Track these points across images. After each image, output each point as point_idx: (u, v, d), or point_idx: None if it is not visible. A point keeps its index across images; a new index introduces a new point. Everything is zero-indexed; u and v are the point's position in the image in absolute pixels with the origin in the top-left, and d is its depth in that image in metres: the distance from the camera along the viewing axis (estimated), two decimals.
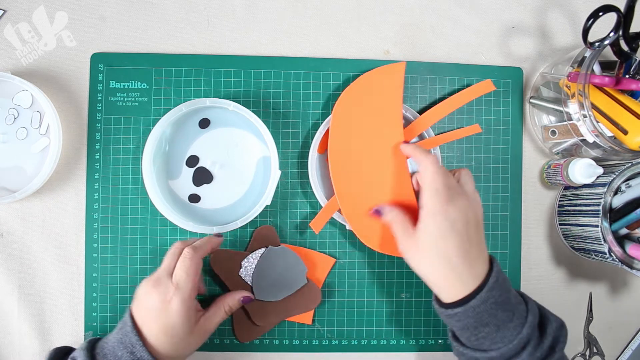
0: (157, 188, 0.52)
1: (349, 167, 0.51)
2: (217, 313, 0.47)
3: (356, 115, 0.51)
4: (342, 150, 0.51)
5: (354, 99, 0.52)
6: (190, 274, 0.43)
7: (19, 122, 0.53)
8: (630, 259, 0.50)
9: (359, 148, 0.51)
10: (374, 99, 0.52)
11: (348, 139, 0.51)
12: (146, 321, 0.43)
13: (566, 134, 0.53)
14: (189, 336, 0.43)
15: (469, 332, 0.41)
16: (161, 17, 0.55)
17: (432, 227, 0.41)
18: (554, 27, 0.58)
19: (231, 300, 0.48)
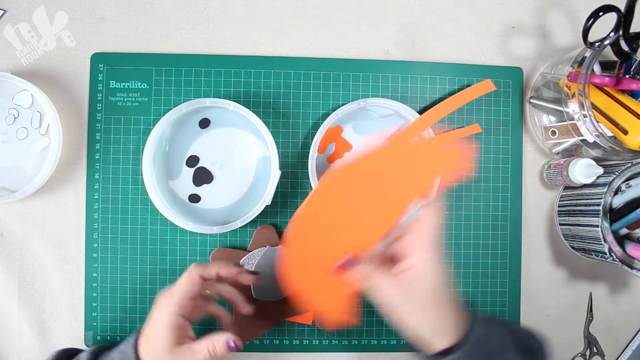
0: (157, 188, 0.52)
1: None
2: (203, 349, 0.42)
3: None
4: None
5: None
6: (179, 287, 0.42)
7: (19, 122, 0.53)
8: (630, 259, 0.50)
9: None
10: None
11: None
12: (141, 339, 0.42)
13: (566, 134, 0.53)
14: (168, 353, 0.40)
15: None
16: (161, 17, 0.55)
17: (433, 277, 0.38)
18: (554, 27, 0.58)
19: (217, 341, 0.42)
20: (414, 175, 0.42)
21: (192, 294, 0.42)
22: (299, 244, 0.42)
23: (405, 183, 0.42)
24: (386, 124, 0.56)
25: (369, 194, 0.42)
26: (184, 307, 0.41)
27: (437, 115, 0.54)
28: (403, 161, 0.42)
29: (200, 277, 0.43)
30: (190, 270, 0.43)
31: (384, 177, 0.42)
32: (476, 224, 0.56)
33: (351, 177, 0.42)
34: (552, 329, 0.58)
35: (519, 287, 0.57)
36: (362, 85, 0.56)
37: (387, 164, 0.42)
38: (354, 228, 0.42)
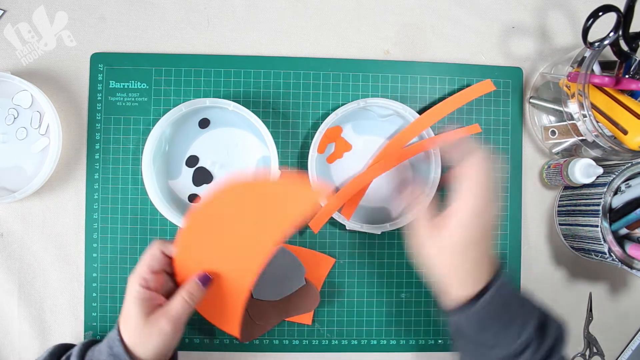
0: (157, 188, 0.52)
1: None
2: (174, 301, 0.42)
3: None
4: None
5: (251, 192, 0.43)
6: (141, 262, 0.42)
7: (19, 122, 0.53)
8: (630, 259, 0.50)
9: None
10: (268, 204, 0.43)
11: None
12: (121, 325, 0.43)
13: (566, 134, 0.53)
14: (143, 327, 0.40)
15: (474, 329, 0.40)
16: (161, 17, 0.55)
17: (473, 227, 0.39)
18: (554, 27, 0.58)
19: (188, 284, 0.43)
20: (272, 214, 0.43)
21: (154, 268, 0.42)
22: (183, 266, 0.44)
23: (264, 222, 0.43)
24: (386, 124, 0.56)
25: (233, 230, 0.43)
26: (148, 281, 0.42)
27: (437, 115, 0.54)
28: (261, 199, 0.43)
29: (162, 252, 0.43)
30: (152, 246, 0.43)
31: (244, 215, 0.43)
32: None
33: (213, 214, 0.43)
34: None
35: (519, 287, 0.57)
36: (362, 85, 0.56)
37: (245, 201, 0.43)
38: (226, 259, 0.44)
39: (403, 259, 0.56)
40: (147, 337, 0.41)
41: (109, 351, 0.41)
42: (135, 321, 0.41)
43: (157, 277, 0.43)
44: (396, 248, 0.56)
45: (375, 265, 0.55)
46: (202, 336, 0.54)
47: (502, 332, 0.40)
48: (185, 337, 0.54)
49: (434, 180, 0.54)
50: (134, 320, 0.41)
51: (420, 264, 0.43)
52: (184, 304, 0.42)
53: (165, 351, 0.42)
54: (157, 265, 0.43)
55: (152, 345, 0.41)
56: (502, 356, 0.40)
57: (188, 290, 0.42)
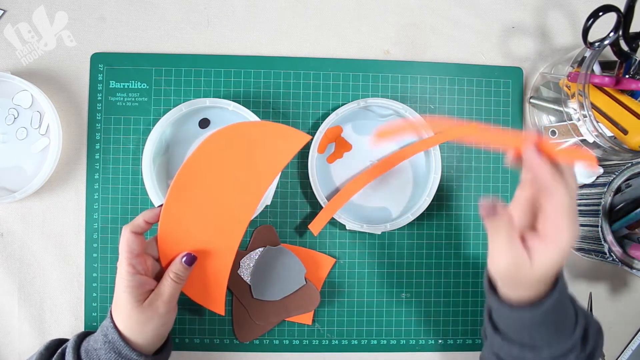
0: (157, 188, 0.52)
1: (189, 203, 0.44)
2: (164, 284, 0.43)
3: (222, 158, 0.44)
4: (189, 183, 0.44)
5: (233, 140, 0.44)
6: (120, 251, 0.42)
7: (19, 122, 0.53)
8: (630, 259, 0.50)
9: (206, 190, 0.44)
10: (255, 152, 0.44)
11: (201, 174, 0.44)
12: (114, 313, 0.43)
13: (566, 134, 0.53)
14: (137, 314, 0.41)
15: (526, 331, 0.39)
16: (161, 17, 0.55)
17: (560, 261, 0.36)
18: (554, 27, 0.58)
19: (174, 265, 0.44)
20: (256, 158, 0.44)
21: (135, 252, 0.42)
22: (170, 233, 0.44)
23: (249, 170, 0.44)
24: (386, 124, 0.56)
25: (215, 193, 0.44)
26: (135, 265, 0.42)
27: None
28: (241, 147, 0.44)
29: (132, 232, 0.43)
30: (123, 232, 0.43)
31: (225, 170, 0.44)
32: (476, 224, 0.56)
33: (193, 181, 0.44)
34: None
35: None
36: (362, 85, 0.56)
37: (224, 154, 0.44)
38: (219, 214, 0.45)
39: (403, 259, 0.56)
40: (143, 324, 0.42)
41: (104, 339, 0.42)
42: (128, 309, 0.41)
43: (141, 259, 0.43)
44: (396, 248, 0.56)
45: (375, 265, 0.55)
46: (202, 336, 0.54)
47: (557, 333, 0.39)
48: (185, 337, 0.54)
49: (434, 181, 0.54)
50: (127, 308, 0.41)
51: (489, 269, 0.39)
52: (172, 285, 0.43)
53: (162, 332, 0.43)
54: (136, 247, 0.43)
55: (150, 329, 0.42)
56: (546, 357, 0.39)
57: (174, 271, 0.43)
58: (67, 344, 0.44)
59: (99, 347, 0.42)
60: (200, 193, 0.44)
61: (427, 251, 0.56)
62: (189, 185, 0.44)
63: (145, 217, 0.44)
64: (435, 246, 0.56)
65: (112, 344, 0.41)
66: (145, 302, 0.42)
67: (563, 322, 0.39)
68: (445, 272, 0.56)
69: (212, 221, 0.45)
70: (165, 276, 0.43)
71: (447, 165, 0.56)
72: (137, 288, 0.42)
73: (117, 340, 0.41)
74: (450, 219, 0.56)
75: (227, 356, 0.55)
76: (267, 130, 0.45)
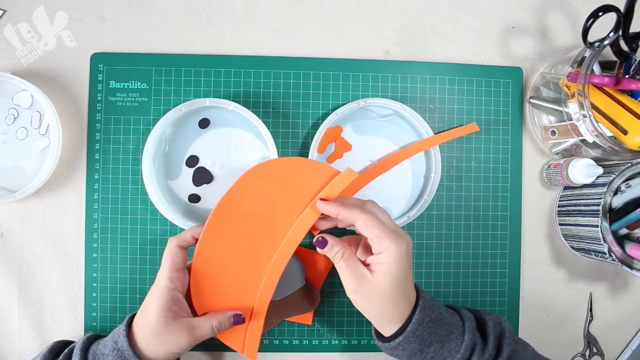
0: (157, 188, 0.52)
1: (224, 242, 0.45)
2: (204, 325, 0.43)
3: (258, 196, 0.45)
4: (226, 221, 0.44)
5: (268, 177, 0.45)
6: (164, 263, 0.43)
7: (19, 122, 0.53)
8: (630, 259, 0.50)
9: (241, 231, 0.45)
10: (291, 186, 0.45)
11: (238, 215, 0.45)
12: (135, 318, 0.43)
13: (566, 134, 0.53)
14: (161, 329, 0.41)
15: (417, 357, 0.42)
16: (161, 17, 0.55)
17: (397, 269, 0.41)
18: (554, 27, 0.58)
19: (221, 316, 0.44)
20: (297, 190, 0.45)
21: (177, 265, 0.43)
22: (203, 278, 0.45)
23: (291, 199, 0.44)
24: (386, 124, 0.56)
25: (260, 221, 0.45)
26: (174, 281, 0.42)
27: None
28: (282, 179, 0.44)
29: (179, 247, 0.44)
30: (168, 244, 0.44)
31: (269, 198, 0.45)
32: (476, 224, 0.56)
33: (237, 208, 0.44)
34: (552, 329, 0.58)
35: (519, 287, 0.57)
36: (362, 85, 0.56)
37: (267, 184, 0.44)
38: (253, 253, 0.45)
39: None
40: (162, 343, 0.41)
41: (114, 345, 0.41)
42: (155, 321, 0.41)
43: (181, 274, 0.44)
44: None
45: None
46: None
47: (443, 347, 0.41)
48: None
49: (433, 181, 0.54)
50: (154, 320, 0.41)
51: (355, 307, 0.43)
52: (210, 332, 0.43)
53: (175, 356, 0.43)
54: (180, 261, 0.43)
55: (165, 351, 0.42)
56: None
57: (220, 321, 0.43)
58: (75, 345, 0.43)
59: (108, 353, 0.41)
60: (236, 228, 0.44)
61: (427, 251, 0.56)
62: (225, 219, 0.44)
63: (194, 232, 0.44)
64: (435, 246, 0.56)
65: (121, 352, 0.41)
66: (173, 323, 0.41)
67: (446, 335, 0.42)
68: (445, 272, 0.56)
69: (246, 261, 0.45)
70: (207, 320, 0.43)
71: (447, 165, 0.56)
72: (171, 303, 0.42)
73: (127, 349, 0.41)
74: (450, 219, 0.56)
75: (227, 356, 0.55)
76: (300, 166, 0.45)
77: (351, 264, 0.42)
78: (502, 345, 0.42)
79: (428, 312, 0.42)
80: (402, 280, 0.41)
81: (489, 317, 0.45)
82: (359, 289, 0.41)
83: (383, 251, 0.41)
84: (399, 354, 0.42)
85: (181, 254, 0.44)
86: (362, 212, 0.42)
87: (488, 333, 0.43)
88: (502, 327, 0.44)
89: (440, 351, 0.41)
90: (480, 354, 0.41)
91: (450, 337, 0.42)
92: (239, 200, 0.44)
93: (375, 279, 0.41)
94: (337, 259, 0.42)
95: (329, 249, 0.43)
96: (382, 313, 0.42)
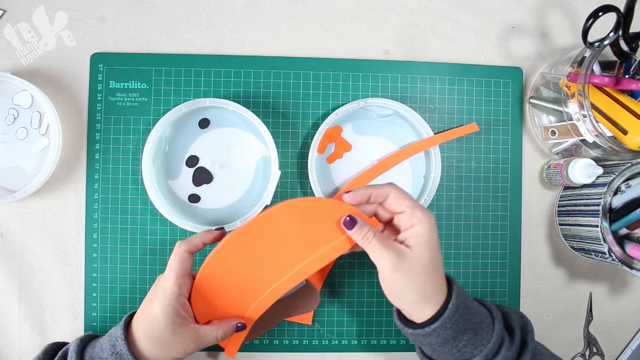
0: (157, 188, 0.52)
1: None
2: (210, 334, 0.43)
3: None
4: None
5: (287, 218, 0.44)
6: (172, 267, 0.42)
7: (19, 122, 0.53)
8: (630, 259, 0.50)
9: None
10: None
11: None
12: (136, 321, 0.43)
13: (566, 134, 0.53)
14: (171, 339, 0.41)
15: (450, 345, 0.40)
16: (161, 17, 0.55)
17: (432, 241, 0.41)
18: (554, 27, 0.58)
19: (226, 326, 0.44)
20: (316, 229, 0.44)
21: (185, 271, 0.43)
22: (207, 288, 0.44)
23: (309, 236, 0.44)
24: (386, 124, 0.56)
25: (274, 247, 0.44)
26: (181, 286, 0.42)
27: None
28: (305, 217, 0.44)
29: (188, 252, 0.43)
30: (177, 249, 0.43)
31: (287, 231, 0.44)
32: (476, 224, 0.56)
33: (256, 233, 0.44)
34: (552, 329, 0.58)
35: (519, 287, 0.57)
36: (362, 85, 0.56)
37: (288, 220, 0.44)
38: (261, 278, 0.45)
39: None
40: (168, 350, 0.41)
41: (112, 349, 0.41)
42: (161, 328, 0.41)
43: (187, 280, 0.43)
44: None
45: None
46: None
47: (476, 336, 0.41)
48: None
49: (433, 181, 0.54)
50: (160, 327, 0.41)
51: (387, 291, 0.42)
52: (214, 340, 0.43)
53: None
54: (188, 267, 0.43)
55: (170, 356, 0.41)
56: (485, 355, 0.40)
57: (224, 331, 0.43)
58: (70, 347, 0.43)
59: (105, 356, 0.41)
60: (247, 253, 0.44)
61: None
62: (240, 244, 0.44)
63: (203, 238, 0.44)
64: None
65: (120, 356, 0.40)
66: (181, 331, 0.41)
67: (479, 323, 0.41)
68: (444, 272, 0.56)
69: (248, 280, 0.45)
70: (214, 330, 0.43)
71: (447, 165, 0.56)
72: (178, 309, 0.41)
73: (126, 353, 0.40)
74: (450, 219, 0.56)
75: (222, 356, 0.54)
76: (323, 206, 0.44)
77: (385, 242, 0.41)
78: (526, 339, 0.42)
79: (462, 298, 0.41)
80: (437, 253, 0.41)
81: (511, 310, 0.45)
82: (399, 265, 0.40)
83: (416, 223, 0.41)
84: (431, 341, 0.41)
85: (189, 259, 0.43)
86: (393, 186, 0.42)
87: (513, 325, 0.43)
88: (525, 321, 0.44)
89: (473, 339, 0.40)
90: (508, 345, 0.41)
91: (482, 326, 0.41)
92: (258, 230, 0.44)
93: (415, 252, 0.40)
94: (369, 238, 0.41)
95: (357, 229, 0.41)
96: (423, 290, 0.40)
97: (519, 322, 0.43)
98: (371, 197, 0.43)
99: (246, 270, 0.45)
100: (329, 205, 0.44)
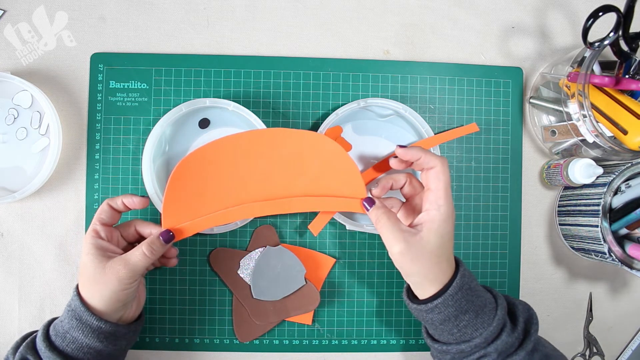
0: (157, 188, 0.52)
1: None
2: (134, 252, 0.43)
3: None
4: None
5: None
6: (95, 216, 0.45)
7: (19, 122, 0.53)
8: (630, 259, 0.50)
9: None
10: None
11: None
12: (79, 281, 0.44)
13: (566, 134, 0.53)
14: (98, 274, 0.42)
15: (450, 324, 0.42)
16: (161, 17, 0.55)
17: (444, 229, 0.42)
18: (554, 27, 0.58)
19: (150, 240, 0.44)
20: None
21: (104, 220, 0.45)
22: (183, 184, 0.46)
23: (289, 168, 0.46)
24: (386, 124, 0.56)
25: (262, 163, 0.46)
26: (99, 232, 0.44)
27: None
28: None
29: (109, 205, 0.45)
30: (102, 203, 0.46)
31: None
32: (476, 224, 0.56)
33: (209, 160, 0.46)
34: (552, 329, 0.58)
35: (519, 287, 0.57)
36: (362, 85, 0.56)
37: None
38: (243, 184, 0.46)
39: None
40: (103, 284, 0.42)
41: (68, 308, 0.43)
42: (91, 270, 0.42)
43: (108, 229, 0.45)
44: None
45: (376, 265, 0.55)
46: (202, 336, 0.54)
47: (476, 318, 0.42)
48: (185, 337, 0.54)
49: None
50: (89, 270, 0.42)
51: (397, 267, 0.44)
52: (142, 256, 0.43)
53: (122, 298, 0.43)
54: (106, 218, 0.45)
55: (109, 290, 0.42)
56: (484, 338, 0.41)
57: (149, 244, 0.44)
58: (37, 333, 0.44)
59: (64, 317, 0.43)
60: (229, 162, 0.46)
61: None
62: (221, 151, 0.46)
63: (125, 199, 0.46)
64: None
65: (74, 311, 0.42)
66: (107, 263, 0.42)
67: (481, 306, 0.42)
68: None
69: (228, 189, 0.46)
70: (139, 246, 0.44)
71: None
72: (100, 249, 0.43)
73: (79, 306, 0.42)
74: None
75: (227, 356, 0.55)
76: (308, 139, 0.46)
77: (396, 224, 0.43)
78: (530, 330, 0.43)
79: (467, 279, 0.43)
80: (447, 241, 0.42)
81: (519, 302, 0.46)
82: (406, 250, 0.42)
83: (438, 207, 0.42)
84: (433, 317, 0.43)
85: (110, 212, 0.45)
86: (441, 159, 0.44)
87: (517, 315, 0.44)
88: (531, 314, 0.45)
89: (474, 321, 0.42)
90: (510, 332, 0.42)
91: (484, 310, 0.42)
92: (246, 144, 0.46)
93: (424, 238, 0.42)
94: (382, 218, 0.43)
95: (374, 209, 0.44)
96: (426, 273, 0.42)
97: (524, 314, 0.44)
98: (420, 160, 0.44)
99: (225, 178, 0.46)
100: (330, 145, 0.46)
